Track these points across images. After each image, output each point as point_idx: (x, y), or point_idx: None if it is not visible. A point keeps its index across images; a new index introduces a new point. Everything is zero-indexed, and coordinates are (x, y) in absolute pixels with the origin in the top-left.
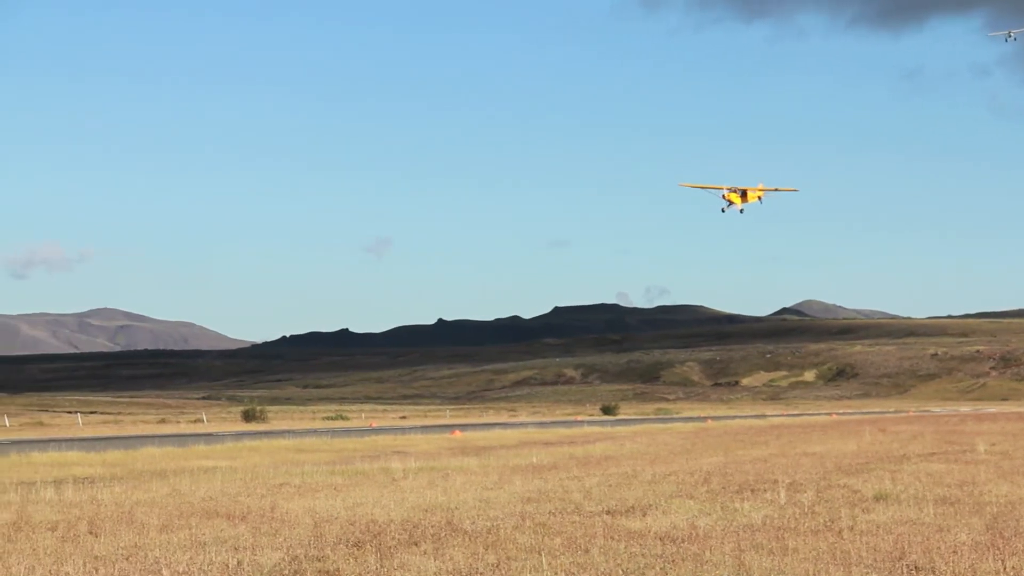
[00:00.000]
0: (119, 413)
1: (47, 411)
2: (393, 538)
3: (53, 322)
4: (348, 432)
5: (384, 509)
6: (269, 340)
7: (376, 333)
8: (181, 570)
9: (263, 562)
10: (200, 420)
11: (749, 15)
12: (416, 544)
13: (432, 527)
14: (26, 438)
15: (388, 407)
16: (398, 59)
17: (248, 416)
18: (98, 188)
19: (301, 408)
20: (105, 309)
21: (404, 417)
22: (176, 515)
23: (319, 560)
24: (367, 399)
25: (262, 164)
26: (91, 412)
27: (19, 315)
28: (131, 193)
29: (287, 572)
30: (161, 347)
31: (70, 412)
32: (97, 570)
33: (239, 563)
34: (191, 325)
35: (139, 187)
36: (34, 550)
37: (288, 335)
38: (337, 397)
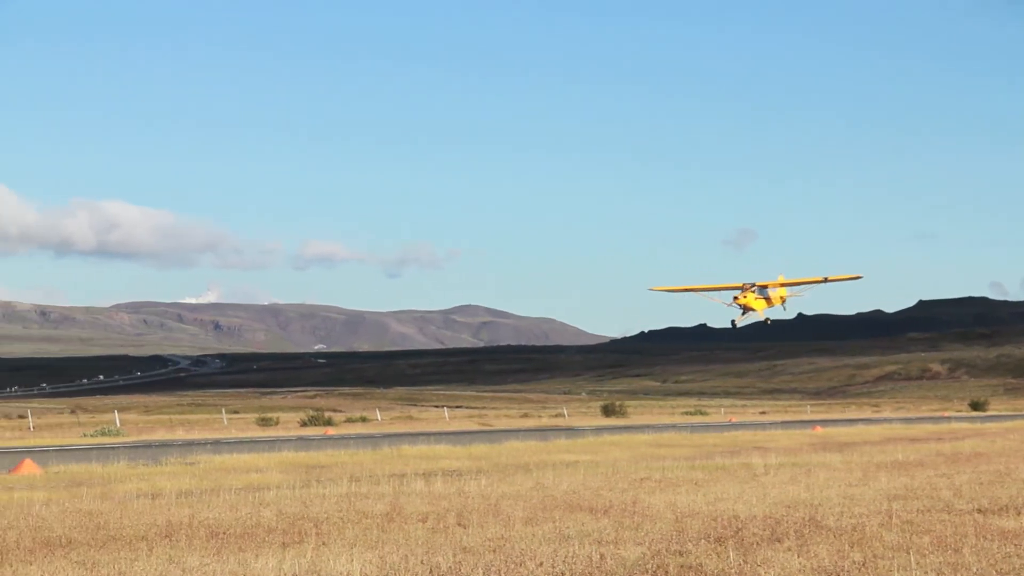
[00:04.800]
0: (483, 407)
1: (415, 405)
2: (755, 534)
3: (420, 319)
4: (707, 427)
5: (745, 504)
6: (628, 335)
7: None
8: (546, 562)
9: (626, 555)
10: (561, 414)
11: None
12: (779, 540)
13: (795, 523)
14: (397, 432)
15: (747, 402)
16: (755, 57)
17: (608, 410)
18: (470, 190)
19: (660, 403)
20: (469, 306)
21: (763, 412)
22: (540, 508)
23: (681, 555)
24: (726, 394)
25: (620, 161)
26: (457, 406)
27: (389, 312)
28: (497, 194)
29: (650, 566)
30: (523, 343)
31: (437, 406)
32: (466, 561)
33: (602, 556)
34: (551, 321)
35: (504, 188)
36: (406, 540)
37: (647, 330)
38: (696, 392)
